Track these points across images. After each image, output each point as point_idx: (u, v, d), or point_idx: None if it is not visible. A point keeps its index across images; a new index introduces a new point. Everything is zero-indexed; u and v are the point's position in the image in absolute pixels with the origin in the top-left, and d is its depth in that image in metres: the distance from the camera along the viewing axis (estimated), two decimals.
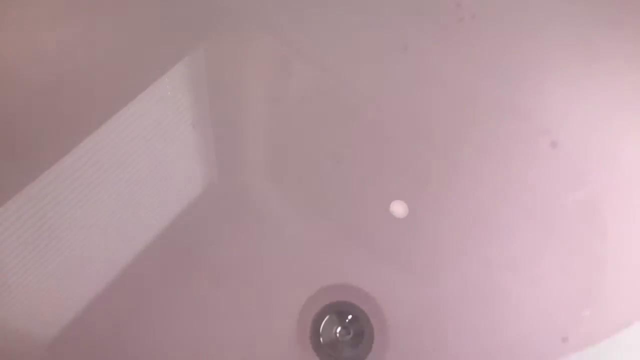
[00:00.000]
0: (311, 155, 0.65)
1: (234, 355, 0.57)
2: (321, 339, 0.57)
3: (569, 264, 0.58)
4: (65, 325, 0.55)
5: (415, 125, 0.64)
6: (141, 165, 0.61)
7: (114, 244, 0.61)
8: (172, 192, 0.64)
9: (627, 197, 0.56)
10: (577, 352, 0.50)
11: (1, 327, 0.54)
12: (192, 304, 0.59)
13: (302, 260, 0.61)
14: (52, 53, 0.54)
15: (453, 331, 0.57)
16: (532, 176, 0.60)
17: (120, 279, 0.58)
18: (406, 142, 0.64)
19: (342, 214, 0.63)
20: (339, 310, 0.58)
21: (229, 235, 0.62)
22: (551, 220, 0.60)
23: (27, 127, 0.55)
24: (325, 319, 0.58)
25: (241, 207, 0.64)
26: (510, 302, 0.58)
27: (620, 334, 0.46)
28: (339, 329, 0.58)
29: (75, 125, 0.57)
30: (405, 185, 0.63)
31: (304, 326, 0.58)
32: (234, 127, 0.65)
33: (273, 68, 0.65)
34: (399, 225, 0.62)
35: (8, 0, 0.52)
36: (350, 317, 0.58)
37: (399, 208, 0.62)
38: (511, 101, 0.61)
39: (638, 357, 0.45)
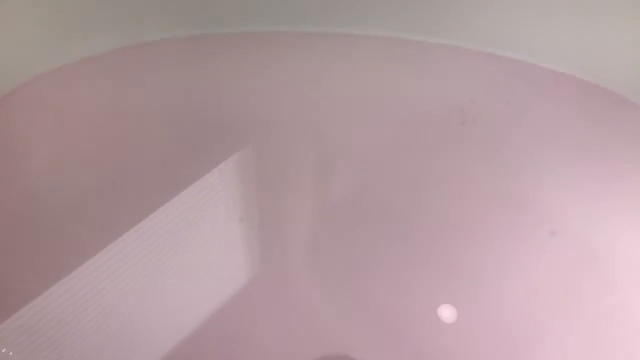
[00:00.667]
0: (350, 252, 0.66)
1: None
2: None
3: None
4: None
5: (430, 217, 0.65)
6: (189, 253, 0.64)
7: (158, 329, 0.63)
8: (218, 281, 0.66)
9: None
10: None
11: None
12: None
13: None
14: (113, 143, 0.61)
15: None
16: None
17: None
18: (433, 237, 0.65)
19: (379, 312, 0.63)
20: None
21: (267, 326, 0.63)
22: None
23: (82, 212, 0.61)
24: None
25: (281, 299, 0.65)
26: None
27: None
28: None
29: (128, 210, 0.61)
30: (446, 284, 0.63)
31: None
32: (279, 222, 0.67)
33: (316, 167, 0.68)
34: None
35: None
36: None
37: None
38: (513, 194, 0.63)
39: None
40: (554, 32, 0.63)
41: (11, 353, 0.54)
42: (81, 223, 0.59)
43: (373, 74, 0.67)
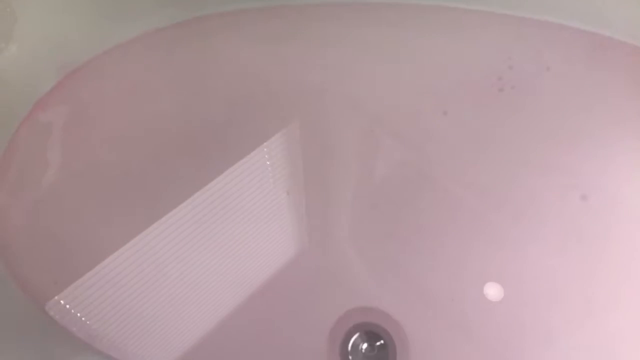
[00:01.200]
0: (394, 225, 0.67)
1: None
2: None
3: None
4: None
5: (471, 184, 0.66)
6: (240, 224, 0.68)
7: (210, 298, 0.67)
8: (266, 253, 0.69)
9: None
10: None
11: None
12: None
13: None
14: (170, 117, 0.68)
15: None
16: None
17: (215, 332, 0.64)
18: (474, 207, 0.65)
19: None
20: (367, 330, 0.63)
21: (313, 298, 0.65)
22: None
23: (142, 181, 0.67)
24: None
25: (327, 271, 0.67)
26: None
27: None
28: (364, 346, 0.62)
29: (183, 182, 0.67)
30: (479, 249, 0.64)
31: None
32: (325, 195, 0.70)
33: (361, 142, 0.70)
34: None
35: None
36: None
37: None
38: (549, 161, 0.63)
39: None
40: None
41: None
42: (140, 191, 0.66)
43: (411, 42, 0.68)
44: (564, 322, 0.60)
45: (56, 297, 0.60)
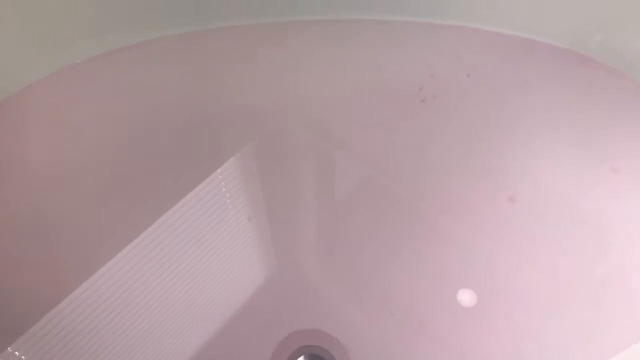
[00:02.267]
0: (357, 241, 0.67)
1: None
2: None
3: None
4: None
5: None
6: (201, 252, 0.63)
7: (177, 329, 0.58)
8: (232, 280, 0.63)
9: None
10: None
11: None
12: None
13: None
14: (113, 146, 0.63)
15: None
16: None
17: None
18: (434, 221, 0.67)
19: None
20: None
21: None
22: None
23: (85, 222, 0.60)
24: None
25: (296, 292, 0.63)
26: None
27: None
28: None
29: (134, 218, 0.61)
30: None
31: None
32: (287, 220, 0.68)
33: (318, 163, 0.71)
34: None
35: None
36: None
37: None
38: (476, 163, 0.67)
39: None
40: None
41: None
42: (84, 230, 0.59)
43: (335, 56, 0.73)
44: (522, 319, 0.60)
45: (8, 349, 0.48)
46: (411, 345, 0.60)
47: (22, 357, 0.49)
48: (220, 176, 0.66)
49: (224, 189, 0.66)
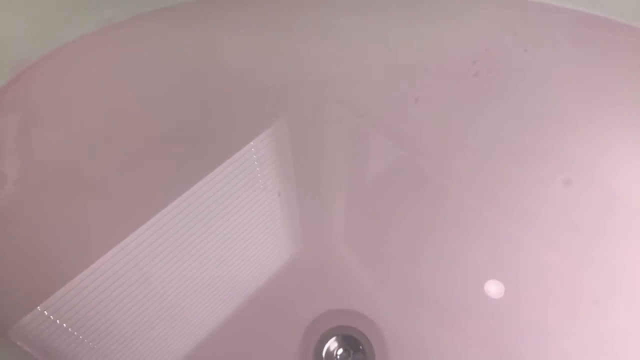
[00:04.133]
0: (388, 227, 0.64)
1: None
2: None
3: None
4: None
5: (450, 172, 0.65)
6: (230, 228, 0.62)
7: (203, 303, 0.59)
8: (259, 258, 0.63)
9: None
10: None
11: None
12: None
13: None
14: (143, 116, 0.62)
15: None
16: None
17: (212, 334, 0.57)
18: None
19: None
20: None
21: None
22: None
23: (116, 187, 0.60)
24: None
25: (323, 273, 0.62)
26: None
27: None
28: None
29: (163, 187, 0.61)
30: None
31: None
32: (317, 195, 0.66)
33: (352, 141, 0.68)
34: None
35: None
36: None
37: None
38: (529, 145, 0.62)
39: None
40: None
41: None
42: (114, 199, 0.59)
43: (382, 29, 0.68)
44: (562, 318, 0.58)
45: (20, 322, 0.49)
46: (443, 332, 0.58)
47: (39, 326, 0.50)
48: (252, 149, 0.64)
49: (255, 163, 0.64)
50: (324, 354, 0.56)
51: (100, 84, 0.61)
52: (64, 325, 0.52)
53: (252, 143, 0.63)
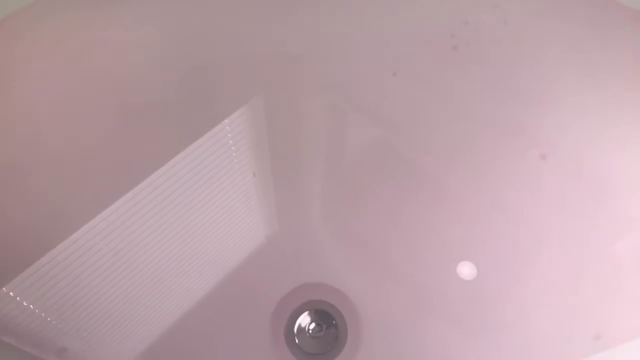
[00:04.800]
0: (364, 201, 0.64)
1: None
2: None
3: None
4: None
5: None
6: (202, 209, 0.62)
7: (176, 281, 0.59)
8: (234, 237, 0.63)
9: None
10: None
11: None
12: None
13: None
14: (108, 86, 0.61)
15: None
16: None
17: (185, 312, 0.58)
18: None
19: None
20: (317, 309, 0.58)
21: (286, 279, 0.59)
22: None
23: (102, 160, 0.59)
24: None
25: (298, 251, 0.62)
26: None
27: None
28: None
29: (132, 165, 0.60)
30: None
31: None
32: (292, 174, 0.65)
33: (328, 117, 0.67)
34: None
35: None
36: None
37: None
38: (506, 117, 0.62)
39: None
40: None
41: None
42: (87, 172, 0.58)
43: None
44: (532, 294, 0.57)
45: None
46: (416, 309, 0.58)
47: (17, 297, 0.51)
48: (227, 127, 0.63)
49: (230, 142, 0.64)
50: (295, 328, 0.56)
51: (65, 48, 0.60)
52: (31, 306, 0.52)
53: (226, 121, 0.63)
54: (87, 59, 0.61)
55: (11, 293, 0.51)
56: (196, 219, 0.61)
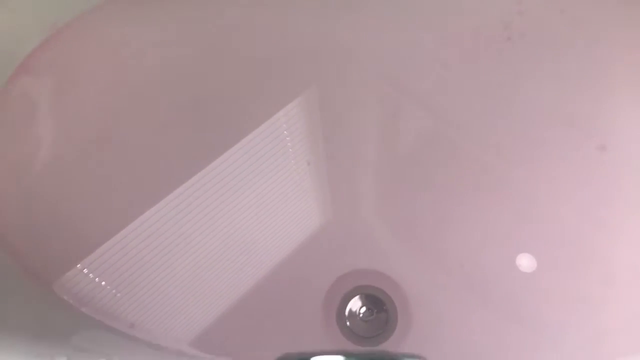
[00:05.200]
0: (417, 192, 0.65)
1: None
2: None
3: None
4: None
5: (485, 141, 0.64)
6: (257, 197, 0.65)
7: (232, 267, 0.62)
8: (287, 226, 0.65)
9: None
10: None
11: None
12: None
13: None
14: (172, 81, 0.64)
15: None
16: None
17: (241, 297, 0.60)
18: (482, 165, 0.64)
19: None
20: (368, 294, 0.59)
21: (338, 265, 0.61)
22: None
23: (148, 152, 0.63)
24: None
25: (350, 238, 0.63)
26: None
27: None
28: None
29: (193, 153, 0.63)
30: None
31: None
32: (345, 164, 0.67)
33: (384, 111, 0.68)
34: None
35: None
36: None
37: None
38: (564, 111, 0.61)
39: None
40: None
41: None
42: (146, 164, 0.62)
43: None
44: (593, 289, 0.56)
45: (66, 277, 0.54)
46: (467, 297, 0.59)
47: (73, 287, 0.55)
48: (282, 117, 0.66)
49: (285, 132, 0.66)
50: (347, 312, 0.58)
51: (130, 47, 0.63)
52: (103, 282, 0.56)
53: (281, 112, 0.65)
54: (146, 58, 0.65)
55: (85, 270, 0.56)
56: (253, 207, 0.64)
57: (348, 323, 0.57)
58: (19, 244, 0.55)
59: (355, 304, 0.58)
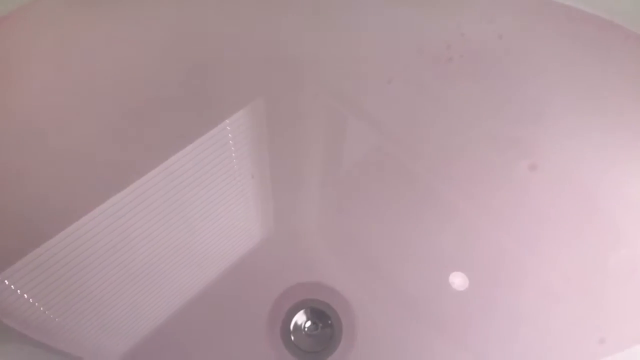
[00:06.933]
0: (360, 205, 0.65)
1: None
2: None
3: None
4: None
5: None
6: (199, 209, 0.62)
7: (173, 278, 0.59)
8: (231, 236, 0.63)
9: None
10: None
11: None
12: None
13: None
14: (113, 82, 0.61)
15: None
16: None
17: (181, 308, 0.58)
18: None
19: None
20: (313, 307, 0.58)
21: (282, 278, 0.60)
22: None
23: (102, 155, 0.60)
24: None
25: (294, 251, 0.62)
26: None
27: None
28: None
29: (133, 159, 0.60)
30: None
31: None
32: (290, 178, 0.66)
33: (327, 123, 0.69)
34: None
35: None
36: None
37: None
38: (498, 132, 0.63)
39: None
40: None
41: None
42: (84, 166, 0.59)
43: (359, 6, 0.67)
44: (523, 305, 0.58)
45: None
46: (406, 313, 0.59)
47: (12, 286, 0.50)
48: (228, 127, 0.64)
49: (230, 142, 0.64)
50: (291, 326, 0.56)
51: (77, 43, 0.61)
52: (26, 295, 0.52)
53: (227, 121, 0.64)
54: (90, 58, 0.62)
55: (6, 281, 0.51)
56: (194, 218, 0.61)
57: (292, 338, 0.55)
58: None
59: (300, 318, 0.56)
